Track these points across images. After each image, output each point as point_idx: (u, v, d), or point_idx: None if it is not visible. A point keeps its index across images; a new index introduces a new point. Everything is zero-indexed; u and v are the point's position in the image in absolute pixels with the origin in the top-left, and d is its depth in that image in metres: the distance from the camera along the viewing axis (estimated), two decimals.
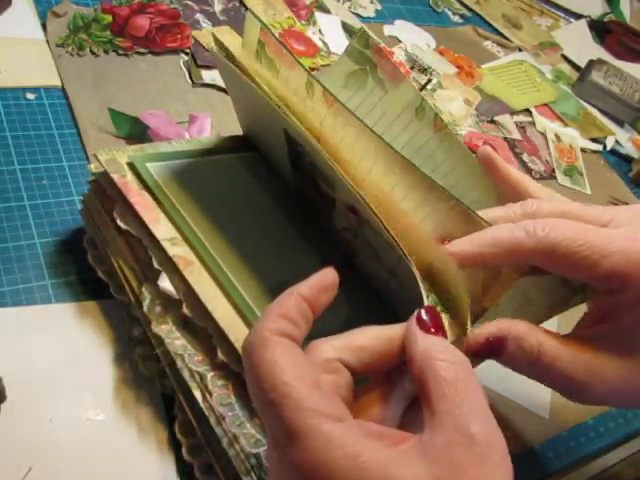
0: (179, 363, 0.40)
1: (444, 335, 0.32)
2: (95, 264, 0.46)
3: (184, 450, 0.41)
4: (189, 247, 0.42)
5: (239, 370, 0.39)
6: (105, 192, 0.45)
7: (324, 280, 0.33)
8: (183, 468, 0.41)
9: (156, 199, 0.44)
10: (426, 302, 0.34)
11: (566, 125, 0.86)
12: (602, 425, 0.54)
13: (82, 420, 0.41)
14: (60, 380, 0.42)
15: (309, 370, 0.30)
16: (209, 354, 0.40)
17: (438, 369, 0.30)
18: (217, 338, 0.40)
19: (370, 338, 0.32)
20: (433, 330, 0.32)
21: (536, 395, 0.52)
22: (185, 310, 0.41)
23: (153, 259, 0.42)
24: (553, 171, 0.78)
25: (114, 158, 0.45)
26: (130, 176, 0.44)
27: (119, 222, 0.43)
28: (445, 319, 0.34)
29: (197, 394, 0.39)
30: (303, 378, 0.29)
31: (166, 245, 0.41)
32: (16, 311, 0.44)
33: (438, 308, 0.34)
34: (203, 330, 0.40)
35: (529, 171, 0.76)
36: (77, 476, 0.39)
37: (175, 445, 0.41)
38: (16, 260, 0.47)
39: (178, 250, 0.41)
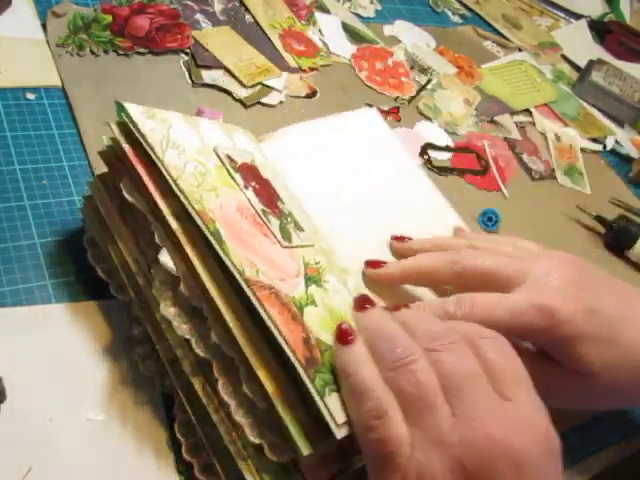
0: (180, 353, 0.40)
1: None
2: (95, 263, 0.46)
3: (184, 450, 0.41)
4: (193, 225, 0.40)
5: (234, 354, 0.38)
6: (115, 166, 0.44)
7: None
8: (183, 468, 0.41)
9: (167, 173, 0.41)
10: (312, 388, 0.36)
11: (566, 125, 0.86)
12: None
13: (82, 420, 0.41)
14: (60, 380, 0.42)
15: None
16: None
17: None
18: (211, 320, 0.39)
19: None
20: None
21: None
22: (182, 289, 0.40)
23: (155, 234, 0.41)
24: (553, 171, 0.78)
25: (129, 129, 0.43)
26: (142, 148, 0.42)
27: (125, 194, 0.42)
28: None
29: (197, 385, 0.39)
30: None
31: (170, 219, 0.40)
32: (16, 311, 0.44)
33: (327, 388, 0.37)
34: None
35: (529, 171, 0.76)
36: (77, 476, 0.39)
37: (175, 445, 0.41)
38: (16, 260, 0.47)
39: (182, 226, 0.40)
